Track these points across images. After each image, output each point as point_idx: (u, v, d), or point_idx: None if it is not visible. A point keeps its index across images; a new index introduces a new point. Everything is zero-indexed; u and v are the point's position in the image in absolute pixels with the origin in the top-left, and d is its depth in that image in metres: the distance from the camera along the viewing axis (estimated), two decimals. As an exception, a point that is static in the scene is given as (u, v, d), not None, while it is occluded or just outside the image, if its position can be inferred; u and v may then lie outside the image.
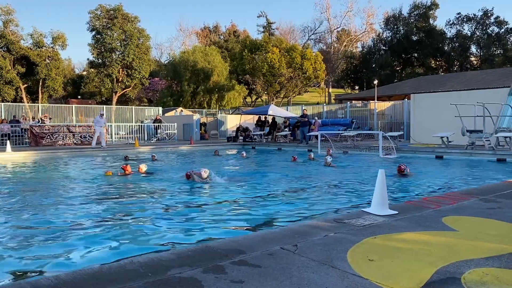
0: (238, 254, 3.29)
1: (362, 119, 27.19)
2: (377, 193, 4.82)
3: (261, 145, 21.76)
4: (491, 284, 2.69)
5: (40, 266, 3.91)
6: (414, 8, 59.56)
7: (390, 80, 53.27)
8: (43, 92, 41.82)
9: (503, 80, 27.96)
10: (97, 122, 19.84)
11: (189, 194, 7.94)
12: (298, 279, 2.78)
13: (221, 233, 5.04)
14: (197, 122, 27.38)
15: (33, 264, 3.98)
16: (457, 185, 8.62)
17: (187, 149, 20.12)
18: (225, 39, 69.55)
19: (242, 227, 5.39)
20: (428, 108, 18.61)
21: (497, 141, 14.47)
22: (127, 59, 42.67)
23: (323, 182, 9.29)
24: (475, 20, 56.88)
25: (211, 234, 4.99)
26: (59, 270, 3.47)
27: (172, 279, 2.77)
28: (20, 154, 16.11)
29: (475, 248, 3.47)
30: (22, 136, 21.19)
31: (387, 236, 3.85)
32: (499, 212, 4.82)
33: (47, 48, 40.83)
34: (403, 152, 15.44)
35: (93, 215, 6.05)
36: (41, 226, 5.41)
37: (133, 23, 43.85)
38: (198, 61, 44.10)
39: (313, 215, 5.90)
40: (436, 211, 4.87)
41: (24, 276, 3.64)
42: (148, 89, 53.51)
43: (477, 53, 59.51)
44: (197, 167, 10.28)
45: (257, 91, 51.26)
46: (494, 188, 6.66)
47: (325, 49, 69.64)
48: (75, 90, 60.00)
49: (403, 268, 3.01)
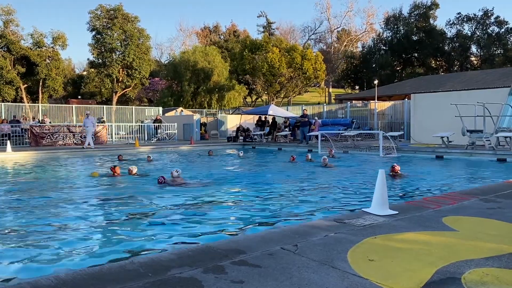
0: (238, 254, 3.29)
1: (362, 119, 27.20)
2: (377, 193, 4.82)
3: (261, 145, 21.76)
4: (491, 284, 2.69)
5: (29, 267, 3.91)
6: (414, 8, 59.54)
7: (390, 80, 53.26)
8: (43, 92, 41.86)
9: (503, 80, 27.94)
10: (85, 123, 19.67)
11: (180, 195, 7.93)
12: (298, 279, 2.78)
13: (221, 233, 5.04)
14: (197, 122, 27.39)
15: (27, 264, 3.99)
16: (457, 185, 8.62)
17: (187, 149, 20.12)
18: (225, 39, 69.57)
19: (241, 228, 5.39)
20: (428, 108, 18.60)
21: (498, 141, 14.46)
22: (127, 59, 42.71)
23: (323, 182, 9.29)
24: (475, 20, 56.86)
25: (211, 234, 4.99)
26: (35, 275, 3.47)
27: (172, 279, 2.77)
28: (20, 154, 16.12)
29: (475, 248, 3.47)
30: (22, 136, 21.20)
31: (387, 236, 3.85)
32: (499, 212, 4.82)
33: (47, 48, 40.90)
34: (404, 152, 15.44)
35: (80, 217, 6.05)
36: (31, 227, 5.41)
37: (133, 23, 43.91)
38: (198, 61, 44.11)
39: (314, 215, 5.90)
40: (436, 211, 4.87)
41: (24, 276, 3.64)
42: (148, 89, 53.55)
43: (477, 53, 59.50)
44: (189, 168, 10.23)
45: (257, 91, 51.26)
46: (494, 188, 6.66)
47: (325, 49, 69.69)
48: (75, 90, 60.04)
49: (403, 268, 3.01)
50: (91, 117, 20.30)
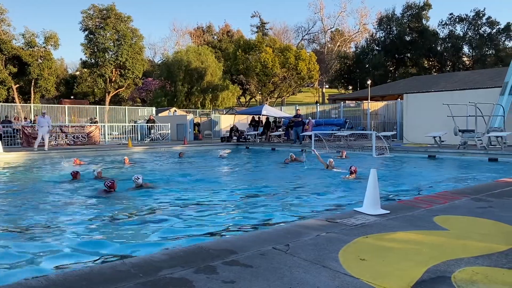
0: (230, 254, 3.29)
1: (355, 119, 27.28)
2: (369, 193, 4.84)
3: (255, 145, 21.77)
4: (480, 283, 2.72)
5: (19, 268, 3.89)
6: (407, 9, 59.84)
7: (383, 80, 53.48)
8: (35, 92, 41.55)
9: (495, 80, 28.14)
10: (39, 122, 18.25)
11: (171, 196, 7.92)
12: (289, 279, 2.79)
13: (212, 233, 5.04)
14: (191, 122, 27.33)
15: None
16: (448, 184, 8.67)
17: (181, 150, 20.04)
18: (218, 39, 69.45)
19: (234, 228, 5.39)
20: (421, 108, 18.70)
21: (489, 141, 14.58)
22: (120, 59, 42.49)
23: (314, 181, 9.30)
24: (467, 21, 57.26)
25: (202, 234, 4.98)
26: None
27: (163, 280, 2.77)
28: (12, 154, 15.99)
29: (465, 247, 3.50)
30: (14, 137, 21.02)
31: (378, 235, 3.87)
32: (489, 212, 4.85)
33: (39, 48, 40.56)
34: (396, 151, 15.51)
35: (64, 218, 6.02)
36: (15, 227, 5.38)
37: (126, 23, 43.68)
38: (192, 61, 44.01)
39: (305, 215, 5.90)
40: (428, 211, 4.90)
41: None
42: (141, 89, 53.33)
43: (470, 53, 59.88)
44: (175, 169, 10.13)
45: (251, 91, 51.25)
46: (485, 187, 6.71)
47: (319, 49, 69.82)
48: (68, 90, 59.63)
49: (394, 267, 3.02)
50: (47, 117, 18.94)
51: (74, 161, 13.56)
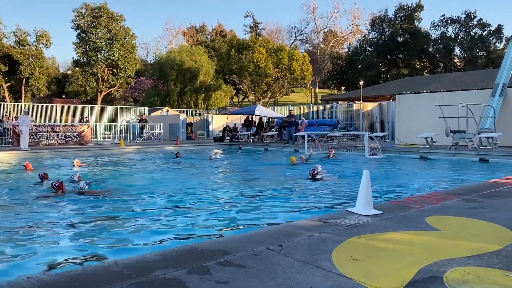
0: (223, 255, 3.29)
1: (348, 119, 27.39)
2: (361, 193, 4.85)
3: (248, 145, 21.77)
4: (472, 283, 2.74)
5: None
6: (400, 10, 60.25)
7: (375, 81, 53.77)
8: (26, 91, 41.21)
9: (486, 81, 28.42)
10: (22, 122, 17.99)
11: (166, 195, 7.90)
12: (283, 279, 2.79)
13: (205, 234, 5.03)
14: (184, 122, 27.27)
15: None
16: (440, 185, 8.73)
17: (173, 149, 19.98)
18: (211, 38, 69.40)
19: (227, 228, 5.38)
20: (413, 109, 18.82)
21: (480, 142, 14.71)
22: (112, 58, 42.28)
23: (308, 182, 9.32)
24: (459, 22, 57.80)
25: (196, 235, 4.97)
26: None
27: (156, 280, 2.75)
28: (2, 154, 15.83)
29: (457, 248, 3.52)
30: (4, 136, 20.82)
31: (371, 236, 3.88)
32: (481, 212, 4.89)
33: (30, 47, 40.25)
34: (388, 152, 15.60)
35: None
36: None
37: (119, 22, 43.50)
38: (185, 61, 43.91)
39: (299, 215, 5.91)
40: (420, 211, 4.93)
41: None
42: (134, 89, 53.11)
43: (461, 54, 60.45)
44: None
45: (244, 91, 51.24)
46: (476, 188, 6.76)
47: (312, 49, 70.07)
48: (60, 89, 59.25)
49: (387, 267, 3.04)
50: (29, 117, 18.73)
51: (75, 163, 13.32)
